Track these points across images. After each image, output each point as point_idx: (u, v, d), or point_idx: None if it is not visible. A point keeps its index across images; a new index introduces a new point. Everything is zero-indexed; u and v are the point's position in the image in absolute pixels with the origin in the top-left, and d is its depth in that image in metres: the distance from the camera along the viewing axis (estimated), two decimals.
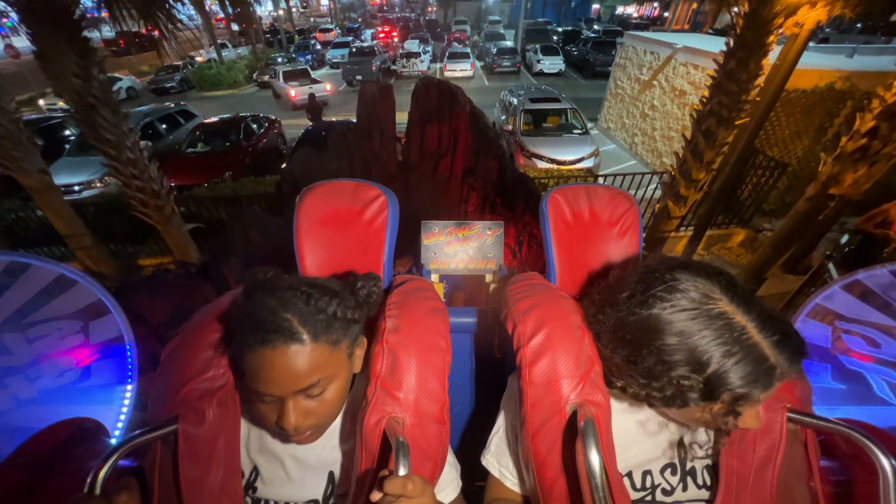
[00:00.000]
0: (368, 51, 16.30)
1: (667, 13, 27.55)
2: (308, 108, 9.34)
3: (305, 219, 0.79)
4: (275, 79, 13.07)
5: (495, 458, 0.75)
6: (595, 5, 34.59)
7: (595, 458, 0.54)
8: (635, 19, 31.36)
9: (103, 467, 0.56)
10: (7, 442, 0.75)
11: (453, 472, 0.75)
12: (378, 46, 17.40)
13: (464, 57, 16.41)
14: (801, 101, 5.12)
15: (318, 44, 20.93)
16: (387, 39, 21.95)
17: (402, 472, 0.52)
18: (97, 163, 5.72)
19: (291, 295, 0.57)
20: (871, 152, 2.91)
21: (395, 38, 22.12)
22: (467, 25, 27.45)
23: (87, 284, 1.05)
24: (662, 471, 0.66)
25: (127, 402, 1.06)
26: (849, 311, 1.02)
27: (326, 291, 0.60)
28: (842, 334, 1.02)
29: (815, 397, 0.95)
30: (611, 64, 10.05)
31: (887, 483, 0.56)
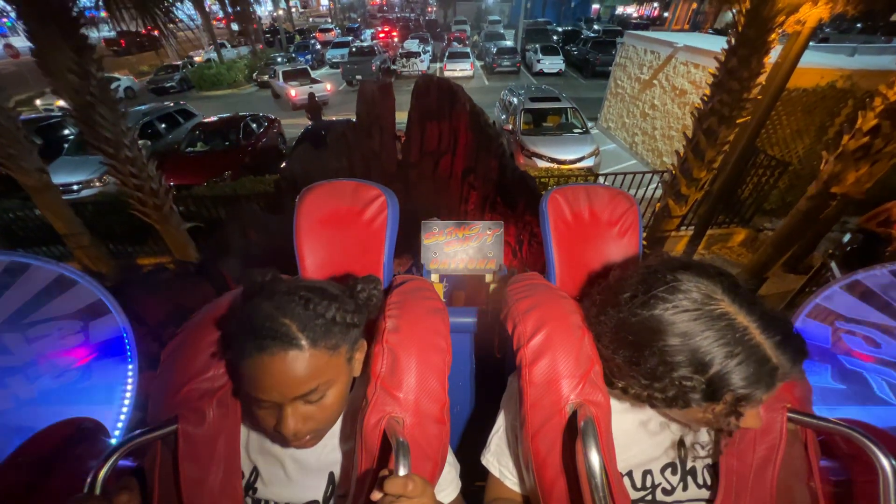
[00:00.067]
0: (368, 50, 16.28)
1: (667, 13, 27.50)
2: (308, 108, 9.33)
3: (305, 219, 0.79)
4: (274, 78, 13.04)
5: (495, 458, 0.75)
6: (595, 5, 34.56)
7: (595, 458, 0.54)
8: (635, 19, 31.33)
9: (103, 467, 0.56)
10: (7, 442, 0.75)
11: (453, 472, 0.75)
12: (378, 46, 17.37)
13: (464, 57, 16.39)
14: (802, 99, 5.11)
15: (317, 43, 20.90)
16: (387, 39, 21.91)
17: (402, 472, 0.52)
18: (96, 162, 5.75)
19: (290, 299, 0.56)
20: (873, 151, 2.90)
21: (394, 38, 22.08)
22: (467, 25, 27.43)
23: (87, 284, 1.05)
24: (663, 470, 0.66)
25: (127, 402, 1.06)
26: (849, 311, 1.02)
27: (325, 295, 0.60)
28: (842, 334, 1.02)
29: (815, 397, 0.95)
30: (611, 63, 10.04)
31: (887, 483, 0.56)
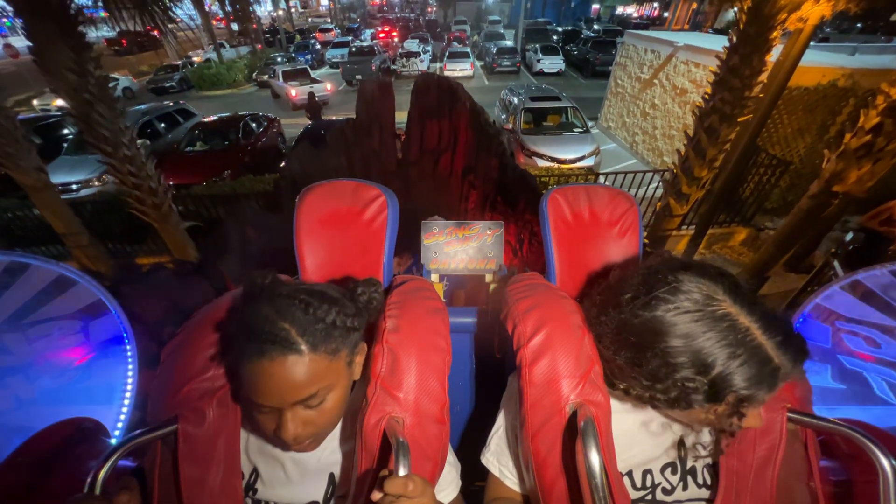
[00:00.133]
0: (368, 50, 16.27)
1: (667, 13, 27.49)
2: (308, 108, 9.33)
3: (305, 219, 0.79)
4: (274, 78, 13.03)
5: (495, 458, 0.75)
6: (595, 5, 34.55)
7: (595, 458, 0.54)
8: (635, 19, 31.32)
9: (103, 467, 0.55)
10: (7, 442, 0.75)
11: (453, 471, 0.75)
12: (378, 46, 17.36)
13: (464, 56, 16.38)
14: (803, 98, 5.10)
15: (317, 43, 20.89)
16: (386, 39, 21.88)
17: (402, 472, 0.52)
18: (95, 161, 5.73)
19: (290, 303, 0.56)
20: (875, 149, 2.89)
21: (394, 38, 22.06)
22: (467, 25, 27.41)
23: (86, 284, 1.05)
24: (663, 470, 0.66)
25: (127, 402, 1.06)
26: (849, 311, 1.02)
27: (326, 299, 0.59)
28: (842, 334, 1.02)
29: (815, 397, 0.95)
30: (611, 63, 10.03)
31: (887, 483, 0.56)
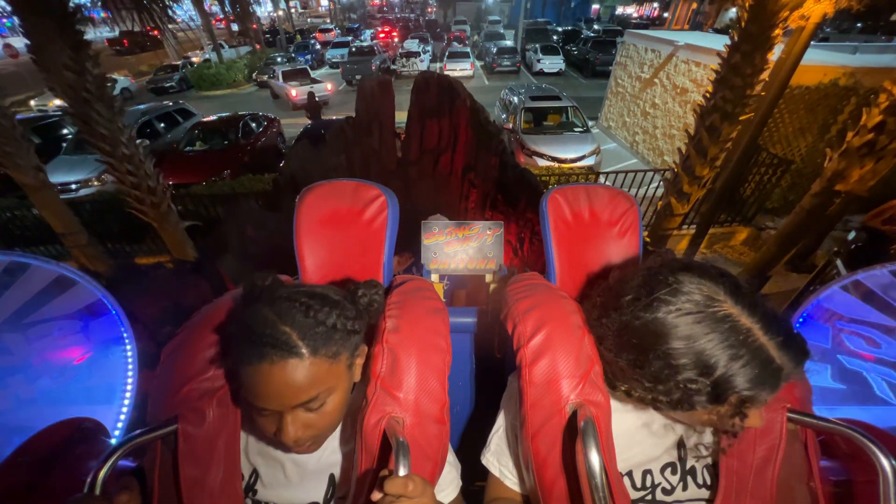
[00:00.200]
0: (368, 50, 16.27)
1: (666, 13, 27.44)
2: (307, 108, 9.33)
3: (305, 219, 0.79)
4: (273, 79, 13.02)
5: (495, 458, 0.75)
6: (595, 5, 34.52)
7: (595, 458, 0.54)
8: (635, 19, 31.32)
9: (103, 467, 0.56)
10: (7, 442, 0.75)
11: (453, 471, 0.75)
12: (378, 46, 17.37)
13: (463, 56, 16.37)
14: (804, 97, 5.08)
15: (317, 44, 20.89)
16: (386, 39, 21.88)
17: (402, 472, 0.52)
18: (94, 161, 5.73)
19: (290, 306, 0.56)
20: (877, 147, 2.87)
21: (394, 38, 22.05)
22: (467, 25, 27.41)
23: (86, 284, 1.05)
24: (663, 470, 0.66)
25: (127, 402, 1.06)
26: (849, 311, 1.02)
27: (326, 302, 0.59)
28: (842, 334, 1.02)
29: (815, 397, 0.95)
30: (611, 63, 10.03)
31: (887, 483, 0.56)
